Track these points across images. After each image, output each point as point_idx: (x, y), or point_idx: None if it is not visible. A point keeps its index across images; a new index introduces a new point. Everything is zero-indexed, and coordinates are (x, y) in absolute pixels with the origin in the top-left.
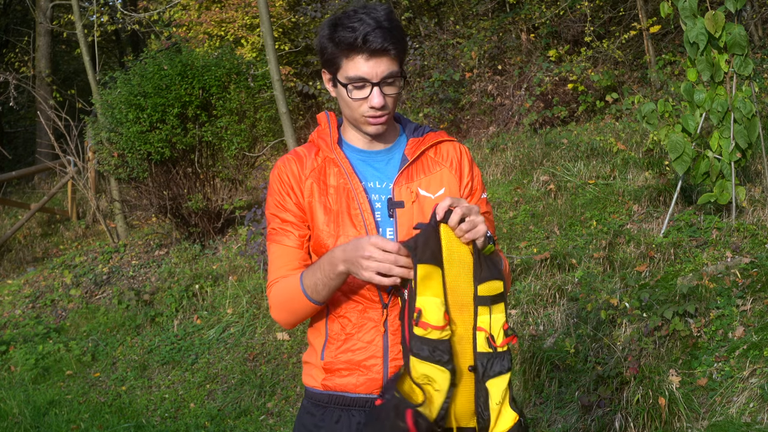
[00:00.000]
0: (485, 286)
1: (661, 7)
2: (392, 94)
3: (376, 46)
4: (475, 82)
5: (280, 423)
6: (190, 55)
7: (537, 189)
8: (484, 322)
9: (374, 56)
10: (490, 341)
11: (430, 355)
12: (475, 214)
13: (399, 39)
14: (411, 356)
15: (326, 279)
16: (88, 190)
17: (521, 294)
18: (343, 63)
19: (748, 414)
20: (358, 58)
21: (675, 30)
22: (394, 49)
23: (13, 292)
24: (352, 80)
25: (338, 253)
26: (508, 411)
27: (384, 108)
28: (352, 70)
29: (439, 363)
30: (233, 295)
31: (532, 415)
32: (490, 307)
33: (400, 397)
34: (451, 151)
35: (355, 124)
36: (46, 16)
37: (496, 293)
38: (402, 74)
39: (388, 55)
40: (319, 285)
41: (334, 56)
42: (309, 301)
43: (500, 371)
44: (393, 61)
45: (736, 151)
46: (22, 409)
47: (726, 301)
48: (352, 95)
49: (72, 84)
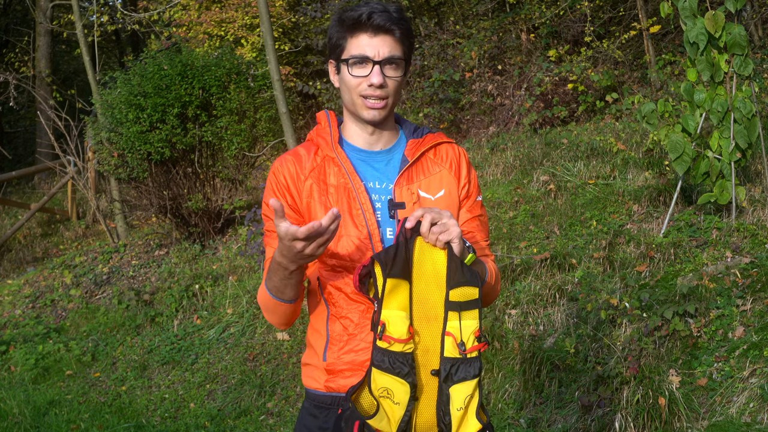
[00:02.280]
0: (458, 291)
1: (661, 7)
2: (393, 77)
3: (380, 22)
4: (475, 82)
5: (280, 423)
6: (190, 55)
7: (537, 189)
8: (454, 327)
9: (378, 34)
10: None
11: (390, 366)
12: (447, 218)
13: (405, 26)
14: (373, 368)
15: (285, 280)
16: (88, 190)
17: (521, 294)
18: (347, 43)
19: (748, 414)
20: (362, 36)
21: (675, 30)
22: (399, 31)
23: (13, 292)
24: (354, 57)
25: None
26: (473, 421)
27: (383, 88)
28: (355, 48)
29: (399, 375)
30: (233, 295)
31: (532, 415)
32: (459, 313)
33: (352, 407)
34: (450, 152)
35: (353, 108)
36: (46, 16)
37: (469, 299)
38: (405, 60)
39: (392, 35)
40: (279, 287)
41: (339, 38)
42: (281, 302)
43: (464, 377)
44: (396, 43)
45: (736, 151)
46: (22, 409)
47: (726, 301)
48: (352, 71)
49: (72, 84)
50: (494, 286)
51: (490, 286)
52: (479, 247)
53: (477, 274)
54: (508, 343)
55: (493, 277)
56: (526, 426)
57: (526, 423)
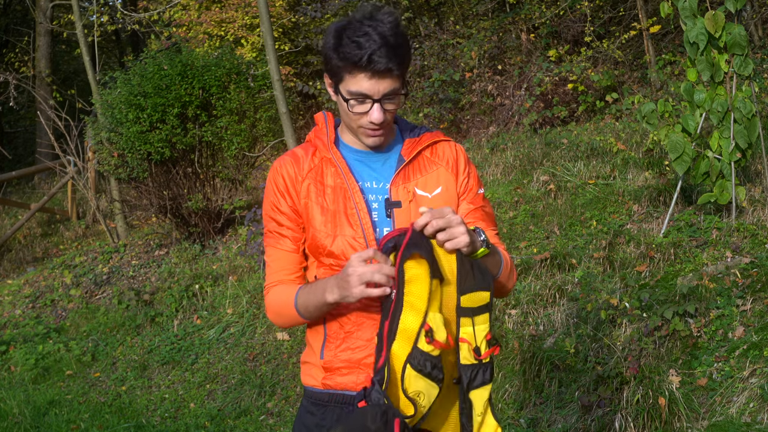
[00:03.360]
0: (468, 297)
1: (661, 7)
2: (392, 110)
3: (380, 67)
4: (475, 82)
5: (280, 423)
6: (190, 55)
7: (537, 189)
8: (468, 333)
9: (377, 76)
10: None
11: (431, 371)
12: (456, 224)
13: (403, 56)
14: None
15: (318, 304)
16: (88, 190)
17: (521, 294)
18: (345, 77)
19: (748, 414)
20: (361, 76)
21: (675, 30)
22: (398, 69)
23: (13, 292)
24: (353, 95)
25: (332, 281)
26: (491, 420)
27: (383, 123)
28: (354, 86)
29: (435, 380)
30: (233, 295)
31: (532, 415)
32: (472, 318)
33: (389, 404)
34: (447, 150)
35: (353, 132)
36: (46, 16)
37: (481, 304)
38: (404, 87)
39: (392, 75)
40: (310, 308)
41: (337, 68)
42: (299, 317)
43: (483, 382)
44: (396, 79)
45: (736, 151)
46: (22, 409)
47: (726, 301)
48: (353, 109)
49: (72, 84)
50: (509, 277)
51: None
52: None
53: (489, 276)
54: (508, 343)
55: (507, 267)
56: (526, 426)
57: (526, 423)
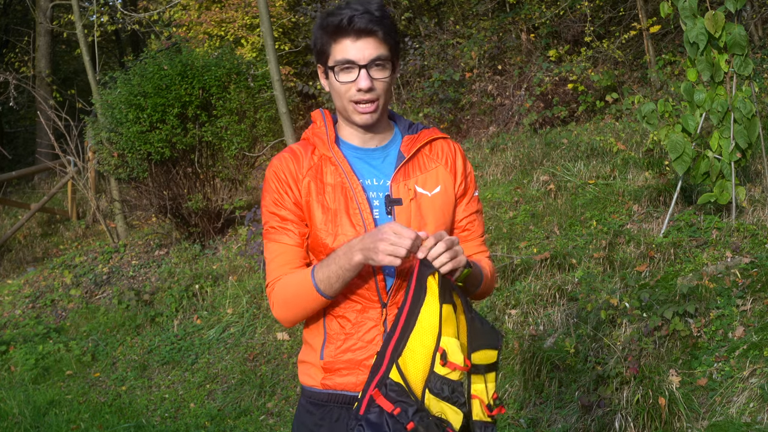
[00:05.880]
0: (480, 354)
1: (661, 7)
2: (381, 79)
3: (361, 25)
4: (475, 82)
5: (280, 423)
6: (190, 55)
7: (537, 189)
8: (480, 390)
9: (361, 37)
10: (486, 410)
11: (450, 395)
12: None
13: (387, 24)
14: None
15: (341, 270)
16: (88, 190)
17: (521, 294)
18: (332, 49)
19: (748, 414)
20: (345, 41)
21: (675, 30)
22: (381, 31)
23: (13, 292)
24: (339, 62)
25: (356, 242)
26: None
27: (371, 91)
28: (340, 53)
29: (456, 404)
30: (233, 295)
31: (532, 415)
32: (484, 376)
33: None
34: (445, 148)
35: (345, 114)
36: (46, 16)
37: (491, 362)
38: (392, 60)
39: (375, 36)
40: (332, 277)
41: (324, 44)
42: (319, 295)
43: None
44: (381, 43)
45: (736, 151)
46: (22, 409)
47: (726, 301)
48: (339, 78)
49: (72, 84)
50: (489, 285)
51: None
52: (477, 243)
53: (498, 335)
54: (508, 343)
55: (488, 278)
56: (526, 426)
57: (526, 423)
